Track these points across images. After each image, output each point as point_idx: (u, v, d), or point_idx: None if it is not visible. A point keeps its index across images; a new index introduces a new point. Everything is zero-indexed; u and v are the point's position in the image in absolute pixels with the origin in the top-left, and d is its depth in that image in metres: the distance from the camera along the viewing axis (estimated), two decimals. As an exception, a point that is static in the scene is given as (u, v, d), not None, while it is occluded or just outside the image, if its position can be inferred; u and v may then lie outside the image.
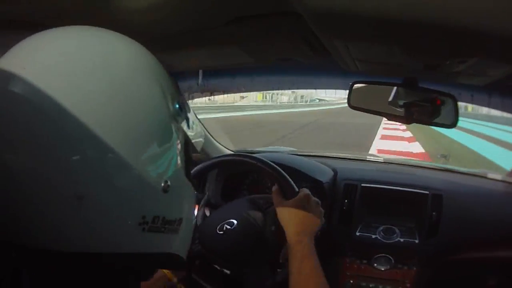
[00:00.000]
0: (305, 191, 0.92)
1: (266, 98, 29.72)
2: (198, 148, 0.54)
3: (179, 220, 0.50)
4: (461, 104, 1.09)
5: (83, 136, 0.40)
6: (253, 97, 25.73)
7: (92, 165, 0.41)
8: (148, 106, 0.45)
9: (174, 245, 0.51)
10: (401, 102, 1.06)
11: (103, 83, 0.42)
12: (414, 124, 1.07)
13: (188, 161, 0.53)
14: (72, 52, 0.43)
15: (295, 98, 33.30)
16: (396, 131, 13.64)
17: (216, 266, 0.95)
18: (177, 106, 0.49)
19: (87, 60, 0.42)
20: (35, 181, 0.40)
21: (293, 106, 28.98)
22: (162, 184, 0.46)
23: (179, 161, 0.49)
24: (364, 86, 1.09)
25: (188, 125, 0.51)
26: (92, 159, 0.40)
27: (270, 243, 0.94)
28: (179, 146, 0.49)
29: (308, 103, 33.79)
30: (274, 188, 0.94)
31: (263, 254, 0.95)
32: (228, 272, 0.94)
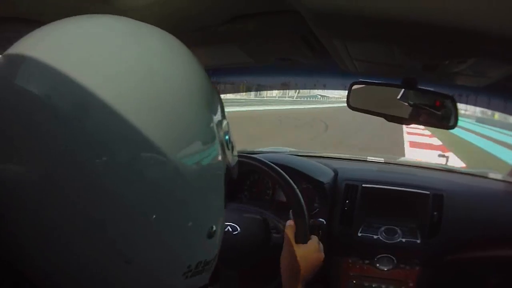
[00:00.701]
0: (315, 241, 0.90)
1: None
2: (235, 175, 0.48)
3: (215, 257, 0.47)
4: (488, 111, 1.08)
5: (125, 189, 0.34)
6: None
7: (139, 227, 0.36)
8: (201, 144, 0.39)
9: (207, 278, 0.48)
10: (400, 103, 1.06)
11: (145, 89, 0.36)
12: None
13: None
14: (100, 41, 0.37)
15: (284, 93, 28.06)
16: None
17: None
18: (226, 136, 0.43)
19: (118, 50, 0.37)
20: (87, 243, 0.35)
21: (261, 103, 21.11)
22: (208, 230, 0.42)
23: (223, 199, 0.44)
24: (364, 87, 1.09)
25: (232, 154, 0.45)
26: (137, 219, 0.36)
27: (259, 264, 0.95)
28: (224, 184, 0.44)
29: (294, 99, 29.00)
30: (289, 223, 0.92)
31: (246, 269, 0.96)
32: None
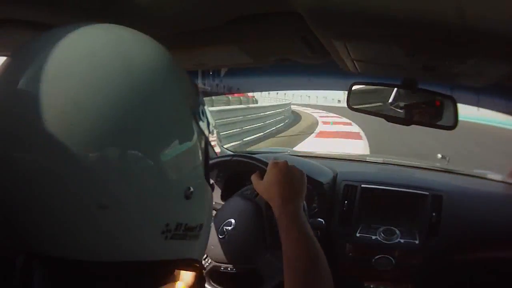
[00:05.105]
0: (271, 163, 0.88)
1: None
2: (212, 153, 0.52)
3: (199, 226, 0.49)
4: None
5: (104, 140, 0.38)
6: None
7: (114, 170, 0.39)
8: (169, 107, 0.44)
9: (194, 251, 0.50)
10: (400, 104, 1.06)
11: (122, 82, 0.40)
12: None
13: (207, 164, 0.51)
14: (89, 50, 0.41)
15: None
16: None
17: (222, 268, 0.96)
18: (199, 109, 0.48)
19: (105, 59, 0.41)
20: (54, 187, 0.38)
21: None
22: (185, 191, 0.45)
23: (201, 166, 0.48)
24: (364, 87, 1.09)
25: (208, 128, 0.50)
26: (113, 163, 0.39)
27: (269, 228, 0.96)
28: (200, 150, 0.48)
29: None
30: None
31: (267, 240, 0.96)
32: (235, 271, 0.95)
